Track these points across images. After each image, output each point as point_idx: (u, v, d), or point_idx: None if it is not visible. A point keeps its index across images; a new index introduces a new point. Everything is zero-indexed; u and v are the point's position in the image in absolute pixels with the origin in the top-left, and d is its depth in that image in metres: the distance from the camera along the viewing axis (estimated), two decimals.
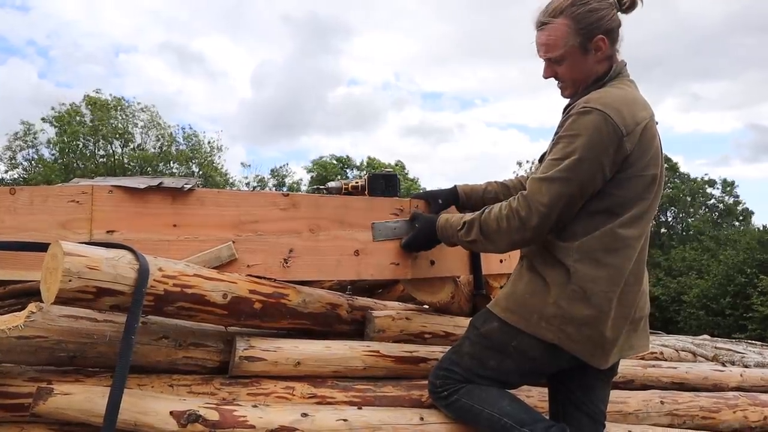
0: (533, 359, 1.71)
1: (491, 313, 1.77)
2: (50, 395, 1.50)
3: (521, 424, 1.67)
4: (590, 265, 1.61)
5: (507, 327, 1.71)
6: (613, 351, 1.68)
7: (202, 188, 1.81)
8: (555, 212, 1.59)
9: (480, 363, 1.75)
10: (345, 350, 1.89)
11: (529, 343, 1.68)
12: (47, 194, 1.73)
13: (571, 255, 1.62)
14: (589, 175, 1.56)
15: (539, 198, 1.59)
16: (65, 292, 1.38)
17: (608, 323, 1.63)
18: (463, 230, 1.75)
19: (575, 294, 1.61)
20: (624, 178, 1.60)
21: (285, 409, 1.68)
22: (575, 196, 1.59)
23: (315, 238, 1.87)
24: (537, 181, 1.61)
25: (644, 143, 1.60)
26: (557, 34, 1.66)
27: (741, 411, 2.52)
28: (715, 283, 23.74)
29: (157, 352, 1.71)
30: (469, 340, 1.80)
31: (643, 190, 1.63)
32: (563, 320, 1.62)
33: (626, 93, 1.66)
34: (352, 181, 2.16)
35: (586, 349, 1.64)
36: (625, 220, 1.62)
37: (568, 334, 1.63)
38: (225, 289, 1.66)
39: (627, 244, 1.64)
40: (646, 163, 1.62)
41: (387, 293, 3.15)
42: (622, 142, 1.55)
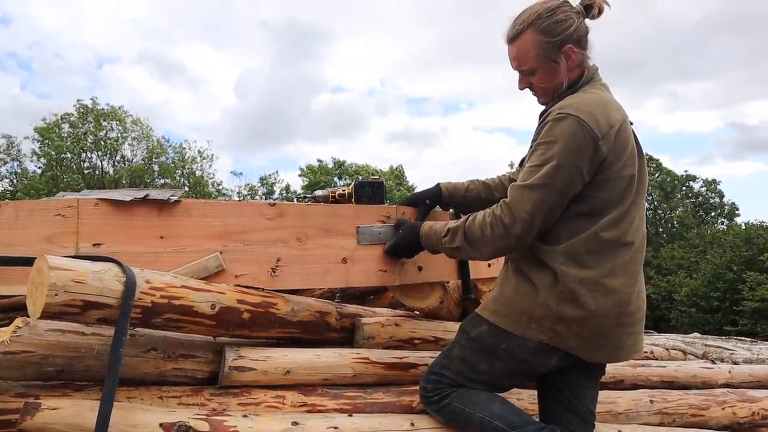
0: (523, 360, 1.73)
1: (480, 317, 1.79)
2: (38, 410, 1.49)
3: (512, 426, 1.68)
4: (576, 267, 1.64)
5: (496, 330, 1.73)
6: (606, 348, 1.70)
7: (189, 199, 1.81)
8: (538, 219, 1.62)
9: (471, 367, 1.77)
10: (335, 358, 1.89)
11: (518, 344, 1.70)
12: (33, 208, 1.73)
13: (557, 258, 1.65)
14: (568, 181, 1.59)
15: (522, 206, 1.62)
16: (52, 306, 1.37)
17: (598, 321, 1.65)
18: (447, 237, 1.77)
19: (563, 295, 1.63)
20: (602, 180, 1.63)
21: (275, 419, 1.68)
22: (555, 201, 1.61)
23: (302, 247, 1.88)
24: (518, 189, 1.64)
25: (619, 145, 1.63)
26: (527, 47, 1.71)
27: (729, 407, 2.54)
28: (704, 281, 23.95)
29: (146, 364, 1.71)
30: (460, 344, 1.81)
31: (622, 191, 1.66)
32: (553, 320, 1.65)
33: (599, 97, 1.69)
34: (338, 189, 2.17)
35: (576, 345, 1.67)
36: (606, 222, 1.65)
37: (558, 333, 1.65)
38: (213, 300, 1.66)
39: (611, 246, 1.66)
40: (622, 164, 1.65)
41: (377, 300, 3.16)
42: (597, 146, 1.58)
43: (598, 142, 1.58)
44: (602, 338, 1.68)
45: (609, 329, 1.67)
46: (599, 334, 1.67)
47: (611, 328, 1.68)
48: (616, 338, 1.70)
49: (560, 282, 1.63)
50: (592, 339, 1.67)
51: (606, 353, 1.72)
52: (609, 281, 1.65)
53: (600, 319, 1.65)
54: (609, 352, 1.72)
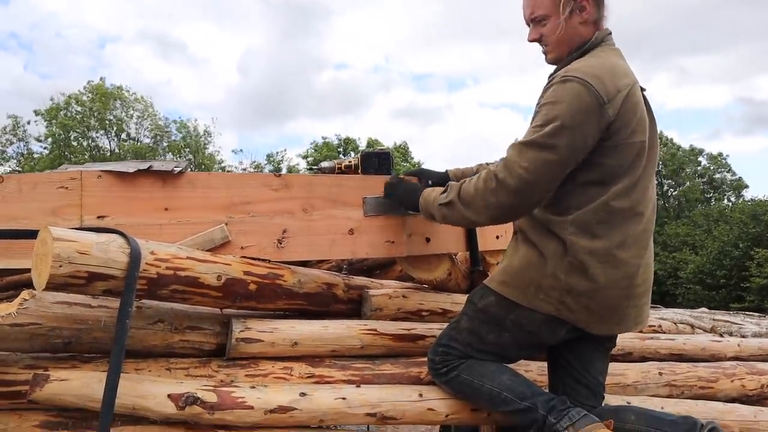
0: (531, 332, 1.71)
1: (488, 288, 1.77)
2: (47, 381, 1.50)
3: (521, 397, 1.67)
4: (586, 238, 1.60)
5: (504, 301, 1.71)
6: (613, 320, 1.68)
7: (193, 171, 1.79)
8: (535, 177, 1.55)
9: (478, 338, 1.75)
10: (342, 329, 1.88)
11: (526, 316, 1.68)
12: (36, 181, 1.71)
13: (567, 228, 1.62)
14: (571, 141, 1.53)
15: (518, 162, 1.56)
16: (56, 277, 1.36)
17: (607, 293, 1.62)
18: (444, 193, 1.74)
19: (572, 266, 1.60)
20: (611, 146, 1.59)
21: (283, 390, 1.68)
22: (556, 162, 1.55)
23: (309, 218, 1.86)
24: (517, 146, 1.60)
25: (627, 110, 1.58)
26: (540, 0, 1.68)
27: (738, 380, 2.53)
28: (710, 258, 23.88)
29: (153, 336, 1.70)
30: (467, 315, 1.79)
31: (633, 158, 1.62)
32: (561, 292, 1.62)
33: (607, 61, 1.64)
34: (345, 160, 2.14)
35: (585, 318, 1.65)
36: (617, 191, 1.61)
37: (566, 305, 1.63)
38: (219, 271, 1.65)
39: (623, 216, 1.63)
40: (632, 130, 1.60)
41: (384, 274, 3.15)
42: (603, 110, 1.54)
43: (604, 105, 1.53)
44: (610, 310, 1.65)
45: (617, 301, 1.65)
46: (607, 307, 1.64)
47: (619, 300, 1.65)
48: (622, 311, 1.68)
49: (569, 252, 1.60)
50: (600, 311, 1.64)
51: (611, 325, 1.70)
52: (620, 252, 1.62)
53: (609, 291, 1.62)
54: (614, 324, 1.70)
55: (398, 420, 1.76)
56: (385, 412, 1.74)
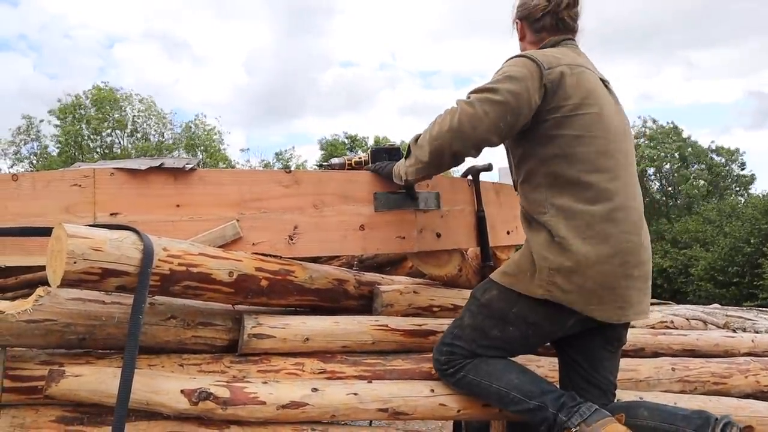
0: (535, 324, 1.69)
1: (489, 282, 1.78)
2: (62, 377, 1.51)
3: (530, 396, 1.66)
4: (564, 217, 1.62)
5: (505, 293, 1.71)
6: (613, 302, 1.64)
7: (204, 168, 1.80)
8: (478, 112, 1.58)
9: (482, 334, 1.74)
10: (354, 325, 1.89)
11: (528, 307, 1.67)
12: (49, 179, 1.73)
13: (546, 210, 1.65)
14: (513, 88, 1.58)
15: (463, 99, 1.64)
16: (71, 273, 1.38)
17: (598, 270, 1.60)
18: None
19: (558, 246, 1.61)
20: (561, 117, 1.63)
21: (295, 385, 1.69)
22: (499, 102, 1.58)
23: (320, 214, 1.86)
24: (467, 94, 1.66)
25: (571, 83, 1.64)
26: None
27: (753, 375, 2.51)
28: (722, 254, 23.62)
29: (166, 332, 1.72)
30: (470, 311, 1.78)
31: (591, 129, 1.64)
32: (550, 272, 1.61)
33: (554, 50, 1.74)
34: (355, 156, 2.14)
35: (580, 299, 1.61)
36: (585, 164, 1.63)
37: (558, 286, 1.61)
38: (231, 267, 1.66)
39: (600, 191, 1.63)
40: (580, 103, 1.64)
41: (394, 270, 3.15)
42: (543, 73, 1.61)
43: (542, 70, 1.61)
44: (606, 290, 1.61)
45: (613, 280, 1.61)
46: (602, 285, 1.61)
47: (615, 278, 1.62)
48: (621, 291, 1.63)
49: (552, 232, 1.62)
50: (595, 290, 1.61)
51: (612, 308, 1.64)
52: (605, 227, 1.61)
53: (600, 267, 1.60)
54: (617, 307, 1.64)
55: (410, 415, 1.76)
56: (397, 407, 1.74)
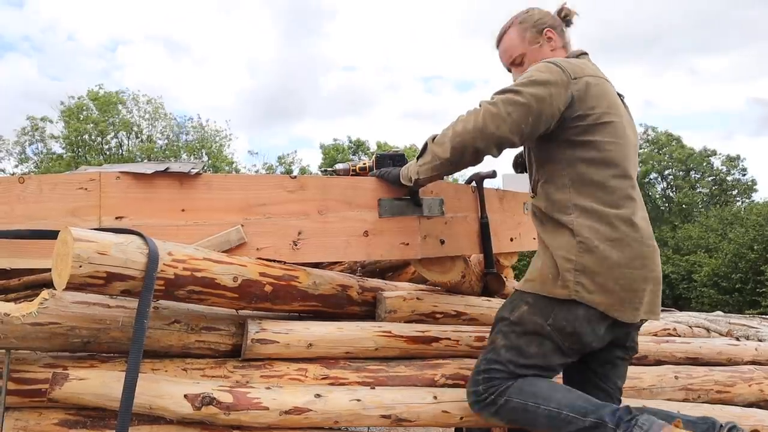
0: (573, 333, 1.65)
1: (516, 296, 1.76)
2: (66, 380, 1.52)
3: (584, 413, 1.57)
4: (589, 219, 1.65)
5: (535, 306, 1.68)
6: (633, 304, 1.65)
7: (209, 173, 1.81)
8: (501, 112, 1.59)
9: (520, 352, 1.68)
10: (357, 331, 1.89)
11: (563, 316, 1.64)
12: (56, 182, 1.73)
13: (570, 212, 1.67)
14: (539, 92, 1.60)
15: (487, 100, 1.65)
16: (76, 277, 1.38)
17: (623, 273, 1.62)
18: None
19: (582, 246, 1.63)
20: (589, 125, 1.65)
21: (298, 391, 1.69)
22: (523, 104, 1.59)
23: (324, 220, 1.87)
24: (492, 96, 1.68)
25: (594, 92, 1.66)
26: (511, 39, 1.91)
27: (756, 384, 2.50)
28: (725, 260, 23.54)
29: (170, 337, 1.72)
30: (502, 333, 1.72)
31: (616, 136, 1.68)
32: (576, 273, 1.63)
33: (577, 60, 1.76)
34: (359, 162, 2.14)
35: (604, 300, 1.62)
36: (615, 169, 1.67)
37: (583, 286, 1.62)
38: (235, 272, 1.66)
39: (621, 195, 1.67)
40: (606, 111, 1.67)
41: (397, 276, 3.16)
42: (569, 82, 1.64)
43: (569, 80, 1.64)
44: (630, 292, 1.64)
45: (636, 283, 1.64)
46: (626, 287, 1.63)
47: (638, 282, 1.64)
48: (641, 294, 1.66)
49: (576, 233, 1.64)
50: (619, 292, 1.62)
51: (632, 310, 1.65)
52: (626, 230, 1.64)
53: (624, 270, 1.62)
54: (634, 308, 1.66)
55: (413, 422, 1.76)
56: (400, 414, 1.74)
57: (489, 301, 2.28)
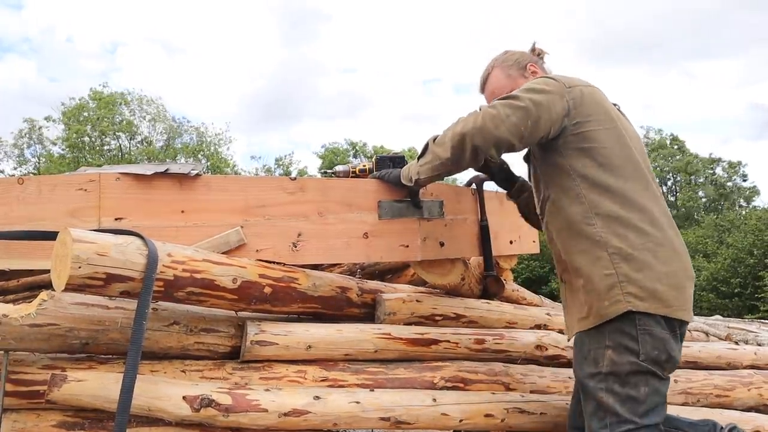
0: (668, 359, 1.60)
1: (587, 344, 1.64)
2: (64, 382, 1.51)
3: None
4: (613, 225, 1.61)
5: (616, 345, 1.58)
6: (687, 302, 1.62)
7: (209, 174, 1.81)
8: (501, 114, 1.60)
9: (634, 400, 1.58)
10: (356, 333, 1.88)
11: (651, 344, 1.57)
12: (55, 183, 1.73)
13: (593, 222, 1.62)
14: (538, 98, 1.61)
15: (487, 105, 1.66)
16: (75, 278, 1.38)
17: (664, 272, 1.59)
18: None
19: (616, 257, 1.59)
20: (590, 131, 1.65)
21: (297, 393, 1.69)
22: (523, 108, 1.60)
23: (323, 222, 1.86)
24: None
25: (589, 100, 1.67)
26: (496, 80, 1.94)
27: (756, 389, 2.50)
28: (724, 265, 23.56)
29: (169, 338, 1.71)
30: (603, 390, 1.60)
31: (619, 141, 1.67)
32: (621, 285, 1.58)
33: (567, 75, 1.77)
34: (359, 164, 2.14)
35: (663, 303, 1.57)
36: (623, 173, 1.64)
37: (634, 294, 1.57)
38: (234, 274, 1.66)
39: (635, 197, 1.63)
40: (604, 117, 1.67)
41: (396, 279, 3.15)
42: (563, 91, 1.66)
43: (564, 89, 1.66)
44: (677, 290, 1.60)
45: (681, 281, 1.61)
46: (674, 286, 1.59)
47: (681, 280, 1.62)
48: (687, 292, 1.63)
49: (606, 245, 1.60)
50: (671, 292, 1.58)
51: (687, 311, 1.62)
52: (653, 231, 1.61)
53: (664, 269, 1.58)
54: (687, 308, 1.63)
55: (412, 425, 1.76)
56: (399, 416, 1.74)
57: (488, 304, 2.28)
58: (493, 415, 1.85)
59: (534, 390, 2.06)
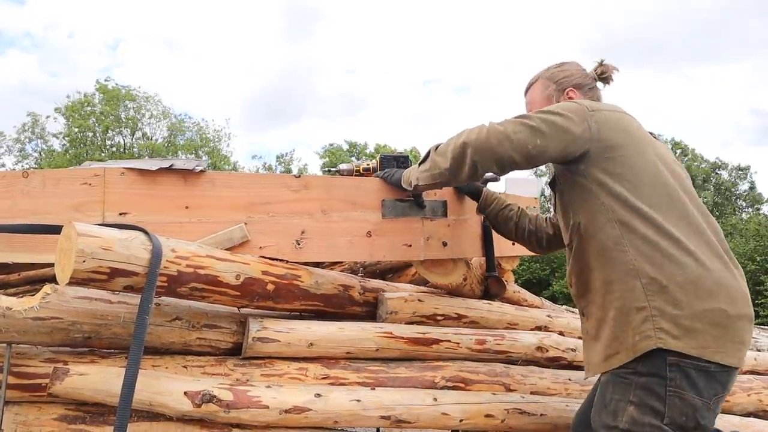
0: (692, 420, 1.43)
1: (612, 393, 1.50)
2: (67, 375, 1.51)
3: None
4: (648, 252, 1.48)
5: (645, 405, 1.43)
6: (737, 342, 1.45)
7: (213, 171, 1.81)
8: (508, 131, 1.55)
9: None
10: (358, 331, 1.88)
11: (680, 409, 1.42)
12: (59, 177, 1.73)
13: (626, 249, 1.49)
14: (553, 120, 1.56)
15: (496, 123, 1.61)
16: (79, 272, 1.38)
17: (704, 309, 1.43)
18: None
19: (650, 288, 1.45)
20: (621, 156, 1.56)
21: (298, 390, 1.69)
22: (533, 128, 1.55)
23: (327, 220, 1.87)
24: None
25: (617, 126, 1.59)
26: (536, 92, 1.88)
27: (755, 394, 2.50)
28: None
29: (171, 334, 1.72)
30: None
31: (649, 168, 1.56)
32: (653, 320, 1.43)
33: (601, 103, 1.72)
34: (363, 163, 2.15)
35: (699, 342, 1.41)
36: (654, 201, 1.52)
37: (666, 331, 1.42)
38: (238, 270, 1.66)
39: (678, 223, 1.50)
40: (631, 142, 1.58)
41: (397, 278, 3.15)
42: (585, 114, 1.58)
43: (587, 112, 1.58)
44: (723, 329, 1.43)
45: (722, 318, 1.43)
46: (715, 324, 1.42)
47: (724, 317, 1.44)
48: (739, 332, 1.45)
49: (640, 274, 1.47)
50: (711, 332, 1.42)
51: (736, 351, 1.45)
52: (693, 263, 1.45)
53: (704, 303, 1.42)
54: (739, 348, 1.45)
55: (412, 424, 1.76)
56: (399, 415, 1.74)
57: (489, 305, 2.28)
58: (493, 415, 1.85)
59: (534, 391, 2.06)
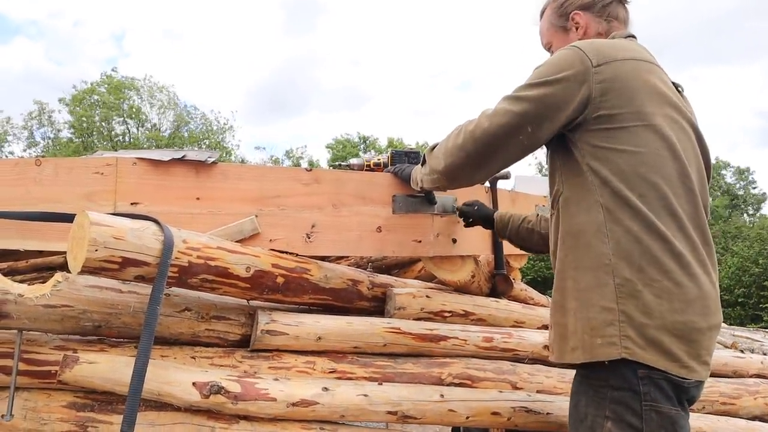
0: (674, 407, 1.29)
1: (584, 403, 1.35)
2: (76, 363, 1.52)
3: None
4: (630, 250, 1.29)
5: (622, 422, 1.28)
6: (703, 355, 1.31)
7: (224, 163, 1.81)
8: (497, 125, 1.39)
9: None
10: (366, 326, 1.88)
11: (658, 423, 1.28)
12: (72, 166, 1.74)
13: (605, 241, 1.31)
14: (542, 94, 1.34)
15: (487, 110, 1.44)
16: (91, 261, 1.38)
17: (678, 321, 1.27)
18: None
19: (622, 290, 1.28)
20: (622, 127, 1.32)
21: (306, 383, 1.69)
22: (521, 114, 1.37)
23: (337, 214, 1.87)
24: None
25: (626, 86, 1.33)
26: (542, 25, 1.69)
27: (762, 398, 2.49)
28: (729, 273, 23.47)
29: (180, 324, 1.72)
30: None
31: (653, 150, 1.32)
32: (619, 325, 1.28)
33: (613, 41, 1.45)
34: (374, 158, 2.14)
35: (665, 355, 1.27)
36: (649, 189, 1.31)
37: (633, 341, 1.27)
38: (248, 263, 1.66)
39: (670, 224, 1.31)
40: (639, 110, 1.32)
41: (404, 273, 3.15)
42: (588, 73, 1.32)
43: (590, 68, 1.32)
44: (692, 344, 1.29)
45: (691, 331, 1.28)
46: (681, 337, 1.27)
47: (693, 330, 1.28)
48: (704, 343, 1.30)
49: (615, 272, 1.29)
50: (678, 345, 1.27)
51: (701, 365, 1.31)
52: (676, 268, 1.28)
53: (678, 316, 1.27)
54: (704, 361, 1.31)
55: (419, 419, 1.76)
56: (406, 410, 1.74)
57: (497, 303, 2.28)
58: (499, 413, 1.85)
59: (540, 390, 2.06)
